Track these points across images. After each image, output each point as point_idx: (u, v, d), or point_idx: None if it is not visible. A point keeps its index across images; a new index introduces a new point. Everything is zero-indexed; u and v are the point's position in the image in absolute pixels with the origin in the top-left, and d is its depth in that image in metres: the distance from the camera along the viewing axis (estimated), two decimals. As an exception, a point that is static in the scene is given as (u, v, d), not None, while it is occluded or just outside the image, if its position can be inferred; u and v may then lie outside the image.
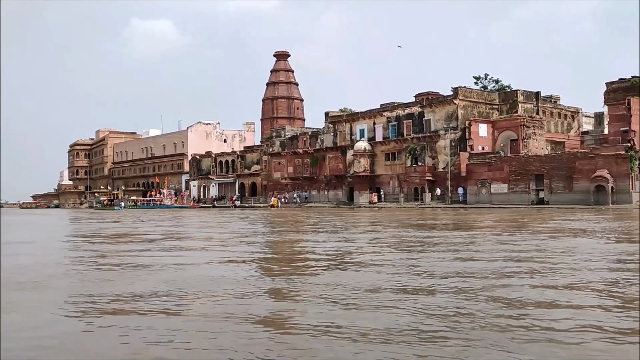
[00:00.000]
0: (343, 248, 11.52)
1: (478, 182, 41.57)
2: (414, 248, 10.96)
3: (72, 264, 9.56)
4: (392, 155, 50.61)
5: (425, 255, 9.67)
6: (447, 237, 13.75)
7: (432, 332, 4.32)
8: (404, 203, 47.00)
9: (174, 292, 6.22)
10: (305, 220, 25.45)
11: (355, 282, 6.63)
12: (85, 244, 14.52)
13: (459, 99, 44.99)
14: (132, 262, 9.36)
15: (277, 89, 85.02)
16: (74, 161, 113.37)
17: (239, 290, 6.25)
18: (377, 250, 10.88)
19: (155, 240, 14.45)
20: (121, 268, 8.61)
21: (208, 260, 9.38)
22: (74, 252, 12.52)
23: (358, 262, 8.97)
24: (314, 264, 9.02)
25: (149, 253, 11.12)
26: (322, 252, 10.64)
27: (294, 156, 60.49)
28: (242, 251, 11.42)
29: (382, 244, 12.35)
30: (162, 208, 66.07)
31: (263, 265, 9.05)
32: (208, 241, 14.57)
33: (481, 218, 24.22)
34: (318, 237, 15.12)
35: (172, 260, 9.45)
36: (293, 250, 12.05)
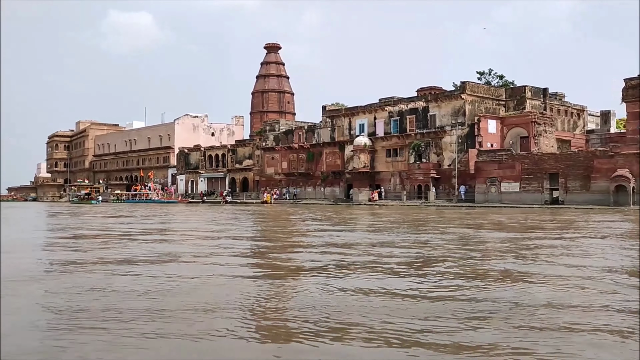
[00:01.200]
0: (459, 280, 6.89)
1: (487, 180, 39.95)
2: (525, 254, 8.96)
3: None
4: (394, 151, 48.76)
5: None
6: (536, 239, 11.83)
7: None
8: (407, 201, 45.24)
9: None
10: (312, 225, 23.33)
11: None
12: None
13: (467, 94, 43.32)
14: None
15: (267, 81, 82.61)
16: (53, 153, 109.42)
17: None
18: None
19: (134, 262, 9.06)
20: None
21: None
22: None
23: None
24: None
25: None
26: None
27: (288, 151, 58.29)
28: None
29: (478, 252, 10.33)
30: (148, 203, 63.33)
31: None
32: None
33: (519, 217, 22.40)
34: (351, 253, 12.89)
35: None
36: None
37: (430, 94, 47.34)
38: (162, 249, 10.90)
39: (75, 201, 73.81)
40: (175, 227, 18.95)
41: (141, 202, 64.43)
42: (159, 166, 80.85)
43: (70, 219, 26.66)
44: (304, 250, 10.82)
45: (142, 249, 10.76)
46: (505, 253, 9.76)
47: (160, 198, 66.72)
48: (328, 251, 10.30)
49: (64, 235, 15.46)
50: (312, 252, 10.41)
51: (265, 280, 7.01)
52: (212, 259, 9.35)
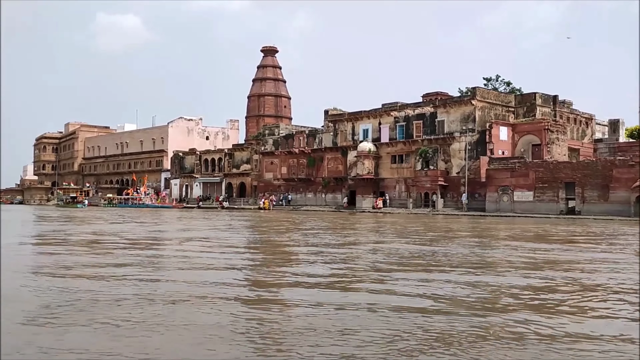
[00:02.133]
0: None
1: (499, 188, 38.75)
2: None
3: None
4: (400, 157, 47.44)
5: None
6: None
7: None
8: (413, 209, 43.89)
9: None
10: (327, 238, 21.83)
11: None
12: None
13: (477, 100, 42.17)
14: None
15: (264, 85, 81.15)
16: (41, 155, 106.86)
17: None
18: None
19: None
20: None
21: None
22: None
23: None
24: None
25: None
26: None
27: (288, 156, 56.73)
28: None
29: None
30: (141, 207, 61.43)
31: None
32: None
33: (548, 229, 21.10)
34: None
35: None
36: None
37: (438, 99, 46.14)
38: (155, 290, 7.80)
39: (61, 205, 71.82)
40: (167, 250, 14.55)
41: (134, 207, 62.48)
42: (152, 170, 78.81)
43: (48, 225, 24.93)
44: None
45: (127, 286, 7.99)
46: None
47: (154, 203, 64.77)
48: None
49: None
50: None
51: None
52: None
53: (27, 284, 7.87)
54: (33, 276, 8.78)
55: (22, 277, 8.54)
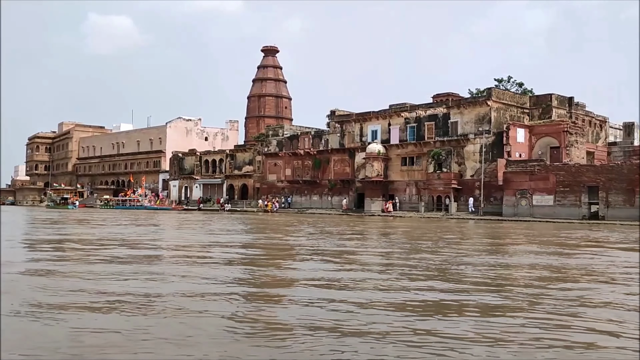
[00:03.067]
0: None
1: (517, 192, 37.44)
2: None
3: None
4: (411, 159, 46.07)
5: None
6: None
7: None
8: (425, 212, 42.52)
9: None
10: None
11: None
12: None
13: (493, 101, 40.91)
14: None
15: (264, 86, 79.62)
16: (33, 155, 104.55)
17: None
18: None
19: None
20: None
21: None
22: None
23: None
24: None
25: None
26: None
27: (293, 157, 55.19)
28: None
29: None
30: (139, 209, 59.64)
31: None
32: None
33: (601, 235, 19.74)
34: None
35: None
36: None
37: (451, 100, 44.85)
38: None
39: (52, 205, 69.99)
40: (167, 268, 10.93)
41: (132, 208, 60.68)
42: (149, 171, 76.93)
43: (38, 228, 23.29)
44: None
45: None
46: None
47: (152, 204, 62.96)
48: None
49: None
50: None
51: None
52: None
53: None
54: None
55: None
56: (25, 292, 7.36)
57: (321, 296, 7.18)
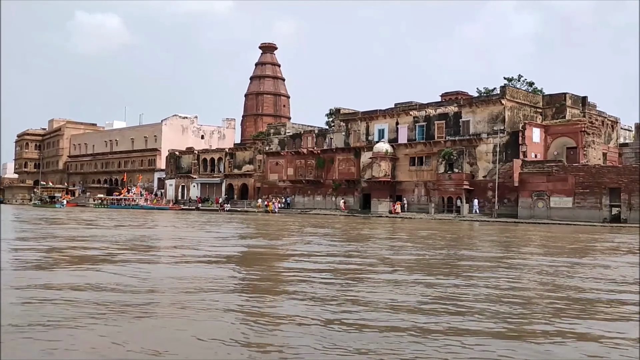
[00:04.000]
0: None
1: (533, 194, 36.29)
2: None
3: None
4: (420, 159, 44.79)
5: None
6: None
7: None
8: (435, 214, 41.26)
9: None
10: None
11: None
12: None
13: (507, 99, 39.73)
14: None
15: (262, 83, 78.01)
16: (22, 152, 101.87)
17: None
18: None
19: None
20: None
21: None
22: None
23: None
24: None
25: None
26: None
27: (295, 156, 53.68)
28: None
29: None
30: (135, 208, 57.82)
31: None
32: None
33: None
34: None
35: None
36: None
37: (463, 98, 43.64)
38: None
39: (38, 204, 67.77)
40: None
41: (127, 208, 58.83)
42: (144, 169, 74.94)
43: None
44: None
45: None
46: None
47: (149, 204, 61.16)
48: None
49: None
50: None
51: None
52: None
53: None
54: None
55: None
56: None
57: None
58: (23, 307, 6.40)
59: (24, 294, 7.19)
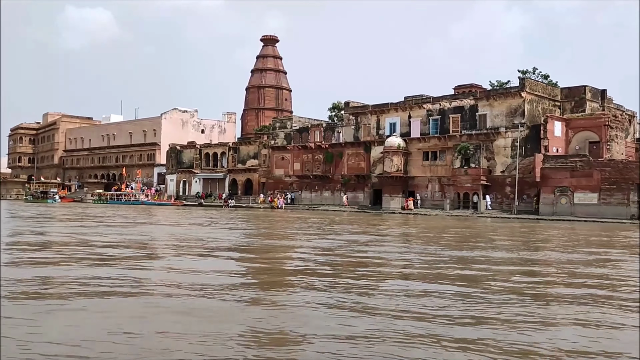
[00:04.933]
0: None
1: (556, 189, 35.05)
2: None
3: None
4: (433, 154, 43.45)
5: None
6: None
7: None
8: (451, 211, 39.94)
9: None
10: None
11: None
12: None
13: (526, 92, 38.42)
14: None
15: (264, 76, 76.38)
16: (16, 147, 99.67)
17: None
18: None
19: None
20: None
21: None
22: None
23: None
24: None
25: None
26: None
27: (302, 151, 52.19)
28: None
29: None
30: (135, 204, 56.12)
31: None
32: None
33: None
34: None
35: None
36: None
37: (480, 91, 42.31)
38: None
39: (30, 199, 65.90)
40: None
41: (127, 204, 57.13)
42: (142, 164, 73.19)
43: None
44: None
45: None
46: None
47: (149, 199, 59.48)
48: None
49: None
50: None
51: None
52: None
53: None
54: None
55: None
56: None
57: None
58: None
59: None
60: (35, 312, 5.92)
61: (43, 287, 7.62)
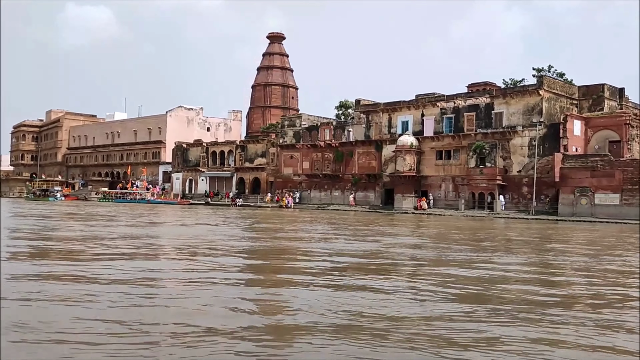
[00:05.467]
0: None
1: (576, 190, 34.24)
2: None
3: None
4: (447, 153, 42.63)
5: None
6: None
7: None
8: (466, 211, 39.11)
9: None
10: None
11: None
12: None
13: (544, 90, 37.58)
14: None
15: (270, 74, 75.50)
16: (19, 144, 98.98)
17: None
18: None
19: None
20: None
21: None
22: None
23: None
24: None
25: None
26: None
27: (311, 149, 51.37)
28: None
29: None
30: (141, 203, 55.31)
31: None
32: None
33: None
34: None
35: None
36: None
37: (495, 89, 41.48)
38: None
39: (31, 197, 64.94)
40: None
41: (133, 202, 56.31)
42: (147, 162, 72.38)
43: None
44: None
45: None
46: None
47: (155, 198, 58.67)
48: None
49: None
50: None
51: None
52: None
53: None
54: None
55: None
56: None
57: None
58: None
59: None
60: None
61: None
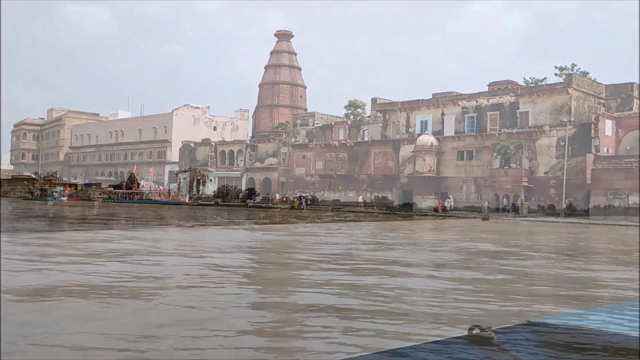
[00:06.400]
0: None
1: (609, 192, 32.95)
2: None
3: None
4: (469, 153, 41.31)
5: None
6: None
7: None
8: (489, 213, 37.68)
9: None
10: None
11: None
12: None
13: (573, 89, 36.29)
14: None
15: (278, 72, 74.05)
16: (20, 143, 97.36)
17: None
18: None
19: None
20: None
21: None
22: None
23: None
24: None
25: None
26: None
27: (325, 149, 50.02)
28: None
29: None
30: (148, 203, 53.76)
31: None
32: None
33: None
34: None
35: None
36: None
37: (521, 87, 40.20)
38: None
39: (28, 197, 63.11)
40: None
41: (140, 203, 54.75)
42: (153, 162, 70.84)
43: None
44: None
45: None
46: None
47: (164, 198, 57.09)
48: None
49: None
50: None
51: None
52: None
53: None
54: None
55: None
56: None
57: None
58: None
59: None
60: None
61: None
